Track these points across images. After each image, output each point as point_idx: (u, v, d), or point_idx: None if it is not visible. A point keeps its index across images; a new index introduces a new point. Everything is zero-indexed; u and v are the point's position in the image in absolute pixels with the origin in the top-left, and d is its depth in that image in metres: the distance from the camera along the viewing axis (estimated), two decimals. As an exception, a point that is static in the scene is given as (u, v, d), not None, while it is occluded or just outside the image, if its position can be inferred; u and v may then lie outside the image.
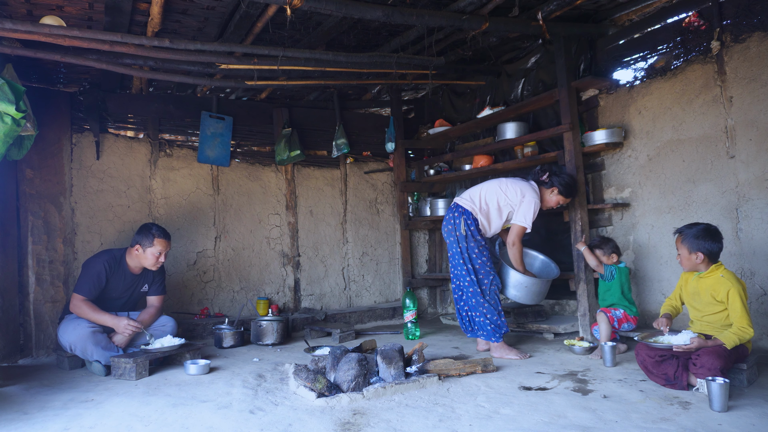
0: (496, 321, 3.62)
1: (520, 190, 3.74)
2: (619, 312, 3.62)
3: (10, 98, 2.93)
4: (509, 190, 3.76)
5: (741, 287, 2.73)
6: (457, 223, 3.75)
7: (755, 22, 3.47)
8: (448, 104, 5.77)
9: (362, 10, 3.36)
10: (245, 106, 5.39)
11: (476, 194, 3.81)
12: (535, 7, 3.81)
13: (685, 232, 2.89)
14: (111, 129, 4.77)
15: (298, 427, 2.37)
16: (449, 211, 3.87)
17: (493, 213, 3.77)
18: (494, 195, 3.77)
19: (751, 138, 3.49)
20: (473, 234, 3.71)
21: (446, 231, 3.86)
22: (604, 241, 3.83)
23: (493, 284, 3.68)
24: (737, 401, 2.50)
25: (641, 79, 4.11)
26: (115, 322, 3.57)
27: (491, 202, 3.76)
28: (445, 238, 3.88)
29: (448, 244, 3.85)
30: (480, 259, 3.69)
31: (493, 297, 3.67)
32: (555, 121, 4.57)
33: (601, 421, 2.32)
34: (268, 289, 5.36)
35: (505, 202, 3.75)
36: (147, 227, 3.78)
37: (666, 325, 2.90)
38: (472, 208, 3.75)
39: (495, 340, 3.61)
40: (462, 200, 3.83)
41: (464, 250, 3.71)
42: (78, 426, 2.46)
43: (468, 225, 3.71)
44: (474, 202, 3.77)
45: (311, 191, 5.67)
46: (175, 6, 3.43)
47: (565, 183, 3.80)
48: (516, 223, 3.72)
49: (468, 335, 3.88)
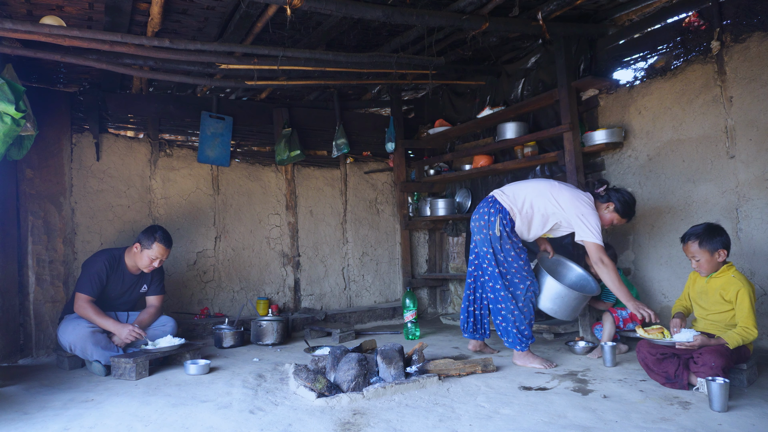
0: (524, 330, 3.29)
1: (576, 200, 3.26)
2: (626, 312, 3.60)
3: (9, 98, 2.93)
4: (562, 197, 3.29)
5: (751, 288, 2.73)
6: (491, 222, 3.32)
7: (755, 22, 3.47)
8: (448, 104, 5.77)
9: (362, 10, 3.36)
10: (245, 106, 5.39)
11: (520, 194, 3.37)
12: (535, 7, 3.81)
13: (700, 235, 2.83)
14: (111, 129, 4.77)
15: (298, 427, 2.37)
16: (483, 204, 3.43)
17: (537, 219, 3.34)
18: (543, 200, 3.31)
19: (751, 138, 3.49)
20: (509, 235, 3.29)
21: (477, 226, 3.42)
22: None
23: (530, 290, 3.31)
24: (737, 401, 2.50)
25: (641, 79, 4.11)
26: (118, 328, 3.54)
27: (537, 206, 3.32)
28: (474, 232, 3.47)
29: (477, 241, 3.43)
30: (517, 263, 3.30)
31: (528, 305, 3.31)
32: (555, 121, 4.57)
33: (601, 421, 2.32)
34: (268, 289, 5.36)
35: (553, 210, 3.30)
36: (153, 229, 3.75)
37: (679, 326, 2.89)
38: (511, 208, 3.33)
39: (520, 349, 3.30)
40: (502, 196, 3.39)
41: (497, 251, 3.31)
42: (78, 426, 2.46)
43: (504, 225, 3.29)
44: (515, 202, 3.34)
45: (311, 191, 5.67)
46: (175, 6, 3.43)
47: (624, 201, 3.36)
48: (589, 242, 3.20)
49: (465, 335, 3.73)
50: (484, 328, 3.68)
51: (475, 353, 3.72)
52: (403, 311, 4.52)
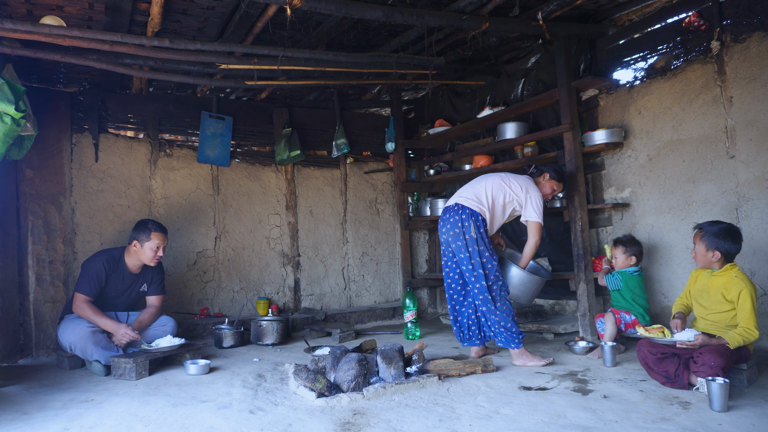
0: (510, 327, 3.39)
1: (522, 184, 3.59)
2: (629, 317, 3.58)
3: (10, 98, 2.93)
4: (512, 184, 3.59)
5: (753, 289, 2.73)
6: (466, 226, 3.46)
7: (755, 22, 3.47)
8: (448, 104, 5.77)
9: (362, 10, 3.36)
10: (245, 106, 5.39)
11: (481, 192, 3.58)
12: (535, 7, 3.81)
13: (706, 228, 2.87)
14: (111, 129, 4.77)
15: (298, 427, 2.37)
16: (451, 213, 3.57)
17: (498, 211, 3.60)
18: (500, 191, 3.57)
19: (751, 138, 3.49)
20: (482, 237, 3.46)
21: (451, 235, 3.53)
22: (632, 242, 3.71)
23: (503, 289, 3.46)
24: (737, 401, 2.50)
25: (641, 79, 4.11)
26: (115, 328, 3.56)
27: (498, 199, 3.57)
28: (449, 242, 3.56)
29: (454, 249, 3.54)
30: (491, 263, 3.45)
31: (505, 302, 3.44)
32: (555, 121, 4.57)
33: (601, 421, 2.32)
34: (268, 289, 5.36)
35: (510, 198, 3.59)
36: (143, 222, 3.81)
37: (680, 327, 2.89)
38: (480, 209, 3.51)
39: (515, 347, 3.36)
40: (466, 201, 3.56)
41: (474, 254, 3.44)
42: (78, 426, 2.46)
43: (478, 227, 3.46)
44: (481, 201, 3.54)
45: (311, 191, 5.67)
46: (175, 6, 3.43)
47: (555, 168, 3.76)
48: (531, 220, 3.55)
49: (464, 344, 3.69)
50: (482, 332, 3.66)
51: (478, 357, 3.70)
52: (403, 311, 4.52)
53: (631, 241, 3.72)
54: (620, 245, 3.72)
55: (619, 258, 3.71)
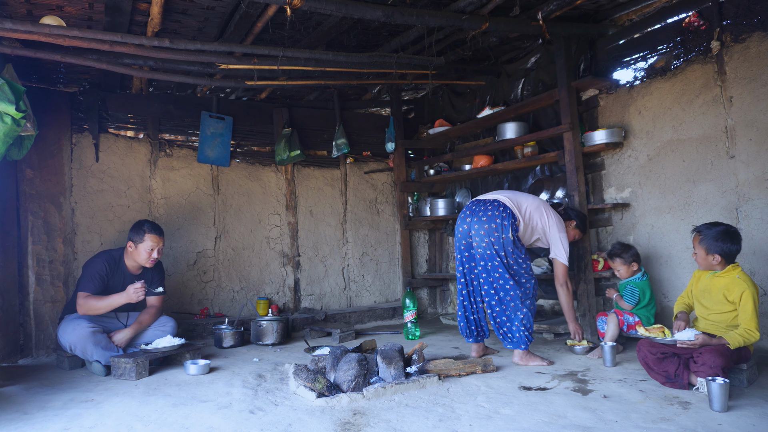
0: (530, 328, 3.36)
1: (559, 223, 3.57)
2: (633, 319, 3.56)
3: (10, 98, 2.93)
4: (550, 216, 3.55)
5: (755, 290, 2.73)
6: (505, 225, 3.36)
7: (755, 22, 3.47)
8: (448, 104, 5.77)
9: (362, 10, 3.36)
10: (245, 106, 5.39)
11: (522, 204, 3.51)
12: (535, 7, 3.81)
13: (704, 232, 2.86)
14: (111, 129, 4.77)
15: (298, 427, 2.37)
16: (487, 206, 3.45)
17: (529, 230, 3.51)
18: (537, 215, 3.51)
19: (751, 138, 3.49)
20: (517, 240, 3.40)
21: (486, 229, 3.38)
22: (625, 249, 3.64)
23: (534, 288, 3.44)
24: (737, 401, 2.50)
25: (641, 79, 4.11)
26: (124, 295, 3.58)
27: (534, 219, 3.51)
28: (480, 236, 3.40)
29: (484, 245, 3.39)
30: (526, 263, 3.42)
31: (534, 303, 3.44)
32: (555, 121, 4.57)
33: (601, 421, 2.32)
34: (268, 289, 5.36)
35: (542, 226, 3.53)
36: (139, 223, 3.80)
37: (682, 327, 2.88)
38: (516, 215, 3.44)
39: (524, 347, 3.37)
40: (508, 201, 3.48)
41: (509, 254, 3.36)
42: (78, 426, 2.46)
43: (515, 230, 3.39)
44: (521, 211, 3.48)
45: (311, 191, 5.67)
46: (175, 6, 3.43)
47: (581, 217, 3.82)
48: (559, 261, 3.52)
49: (469, 340, 3.65)
50: (483, 330, 3.65)
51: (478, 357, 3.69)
52: (403, 311, 4.52)
53: (625, 248, 3.65)
54: (616, 257, 3.65)
55: (621, 269, 3.65)
